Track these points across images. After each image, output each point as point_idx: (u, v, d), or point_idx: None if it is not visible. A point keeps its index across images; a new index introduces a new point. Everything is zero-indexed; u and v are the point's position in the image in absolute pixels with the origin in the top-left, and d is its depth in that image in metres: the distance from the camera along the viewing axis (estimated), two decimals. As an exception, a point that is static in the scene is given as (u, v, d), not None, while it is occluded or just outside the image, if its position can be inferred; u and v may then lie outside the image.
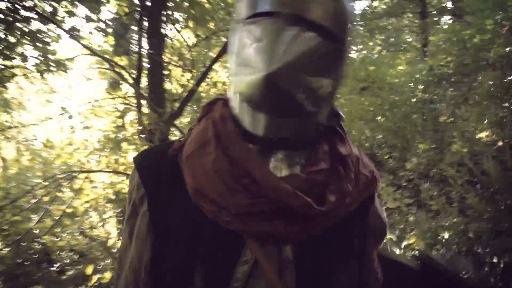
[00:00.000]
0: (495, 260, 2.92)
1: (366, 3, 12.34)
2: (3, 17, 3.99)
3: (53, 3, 4.50)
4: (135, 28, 5.99)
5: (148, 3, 4.24)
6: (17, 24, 4.22)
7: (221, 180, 0.75)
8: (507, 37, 4.50)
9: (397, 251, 3.85)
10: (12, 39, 4.22)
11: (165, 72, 4.60)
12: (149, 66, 4.32)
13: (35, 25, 4.85)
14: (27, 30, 4.30)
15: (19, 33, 4.30)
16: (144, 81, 4.70)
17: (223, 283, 0.75)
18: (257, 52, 0.70)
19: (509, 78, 4.00)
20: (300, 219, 0.75)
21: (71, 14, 4.20)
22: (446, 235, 3.73)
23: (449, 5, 10.76)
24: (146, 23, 4.68)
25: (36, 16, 4.16)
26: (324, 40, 0.73)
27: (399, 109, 6.23)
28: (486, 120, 3.83)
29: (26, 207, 4.82)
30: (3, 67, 3.96)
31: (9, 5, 4.03)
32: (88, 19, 4.20)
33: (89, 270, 4.63)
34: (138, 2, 4.28)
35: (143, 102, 4.34)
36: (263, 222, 0.74)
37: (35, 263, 6.01)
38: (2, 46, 3.84)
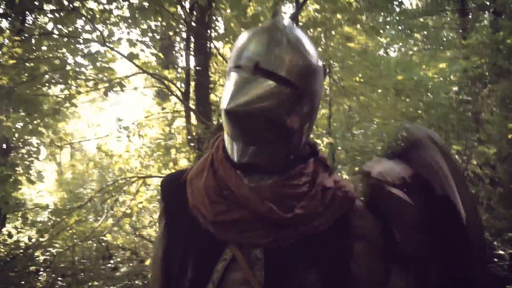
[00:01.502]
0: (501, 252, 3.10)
1: (406, 2, 12.30)
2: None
3: (110, 27, 5.04)
4: (180, 44, 6.40)
5: (194, 24, 4.62)
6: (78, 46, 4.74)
7: (207, 195, 1.01)
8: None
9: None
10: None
11: (211, 86, 4.99)
12: (196, 81, 4.69)
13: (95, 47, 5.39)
14: (86, 52, 4.83)
15: (80, 54, 4.83)
16: (191, 93, 5.10)
17: (206, 274, 1.00)
18: (226, 93, 0.96)
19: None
20: (271, 230, 0.97)
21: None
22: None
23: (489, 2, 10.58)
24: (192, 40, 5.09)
25: (95, 39, 4.66)
26: (280, 85, 0.95)
27: (436, 110, 6.34)
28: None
29: (92, 209, 5.34)
30: (72, 87, 4.48)
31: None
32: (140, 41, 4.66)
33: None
34: (185, 23, 4.68)
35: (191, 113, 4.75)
36: (238, 232, 0.98)
37: (92, 261, 6.51)
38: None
